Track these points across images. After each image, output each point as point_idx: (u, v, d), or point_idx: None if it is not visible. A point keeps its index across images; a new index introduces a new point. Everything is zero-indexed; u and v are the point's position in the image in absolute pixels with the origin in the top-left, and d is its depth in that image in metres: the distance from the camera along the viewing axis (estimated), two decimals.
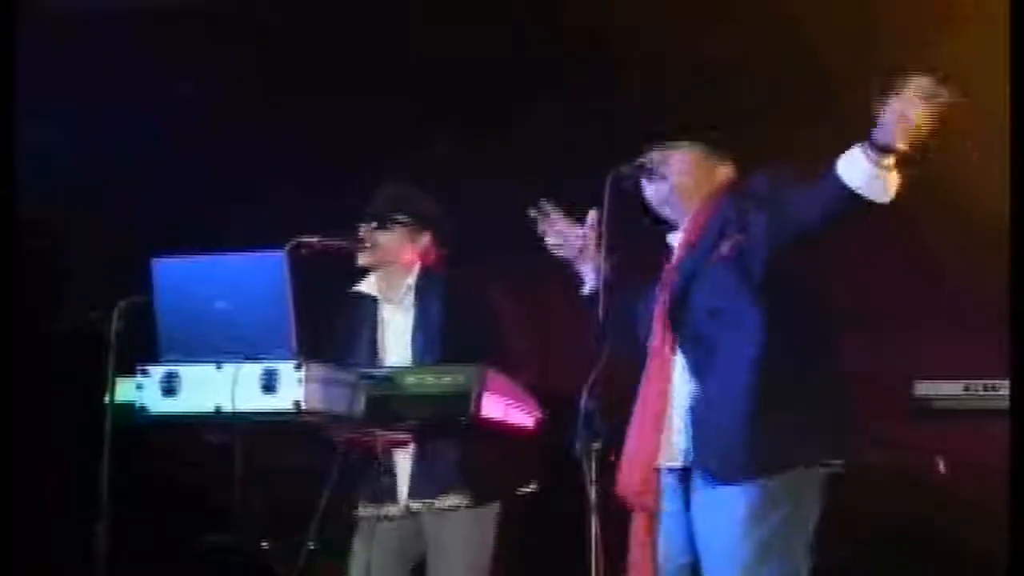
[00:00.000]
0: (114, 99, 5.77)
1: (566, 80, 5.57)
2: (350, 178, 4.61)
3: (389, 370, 3.99)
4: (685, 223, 3.76)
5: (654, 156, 3.76)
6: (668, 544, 3.67)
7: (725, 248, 3.58)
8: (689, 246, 3.69)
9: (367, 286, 4.49)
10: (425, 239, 4.49)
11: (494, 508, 4.33)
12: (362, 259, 4.43)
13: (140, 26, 5.76)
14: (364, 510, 4.29)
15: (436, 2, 5.63)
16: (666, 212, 3.79)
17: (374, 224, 4.43)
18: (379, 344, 4.42)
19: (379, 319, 4.47)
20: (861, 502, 4.53)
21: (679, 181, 3.75)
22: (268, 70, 5.69)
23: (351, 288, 4.51)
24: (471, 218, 5.50)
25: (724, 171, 3.80)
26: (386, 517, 4.26)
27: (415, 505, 4.23)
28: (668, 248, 3.83)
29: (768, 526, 3.50)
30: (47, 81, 5.66)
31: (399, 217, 4.44)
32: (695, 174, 3.76)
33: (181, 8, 5.70)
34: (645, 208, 3.80)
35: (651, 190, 3.77)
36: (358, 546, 4.28)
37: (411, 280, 4.45)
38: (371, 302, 4.48)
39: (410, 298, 4.43)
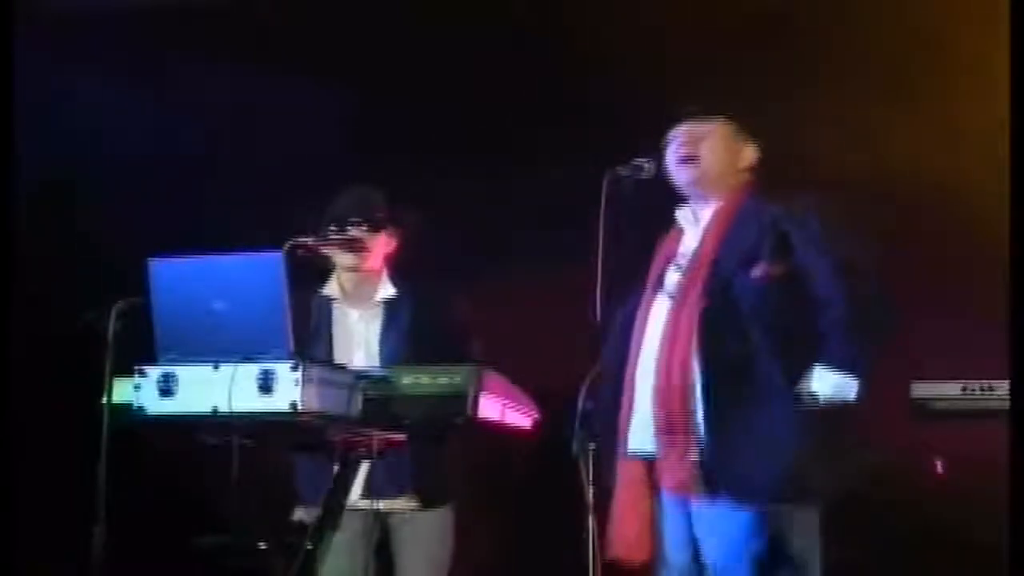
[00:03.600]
0: (113, 99, 5.77)
1: (566, 74, 5.57)
2: (348, 179, 4.60)
3: (386, 371, 3.99)
4: (708, 211, 3.75)
5: (686, 133, 3.77)
6: (670, 545, 3.68)
7: (761, 271, 3.58)
8: (717, 241, 3.67)
9: (332, 289, 4.52)
10: (393, 241, 4.52)
11: (449, 508, 4.44)
12: (348, 260, 4.44)
13: (140, 26, 5.76)
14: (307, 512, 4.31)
15: (436, 3, 5.63)
16: (691, 192, 3.79)
17: (365, 227, 4.44)
18: (335, 347, 4.45)
19: (339, 322, 4.49)
20: (860, 503, 4.52)
21: (710, 161, 3.76)
22: (267, 70, 5.68)
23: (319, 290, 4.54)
24: (471, 219, 5.53)
25: (750, 153, 3.82)
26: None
27: (362, 504, 4.27)
28: (673, 229, 3.82)
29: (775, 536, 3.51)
30: (47, 81, 5.67)
31: (379, 218, 4.46)
32: (725, 154, 3.78)
33: (181, 8, 5.70)
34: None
35: (680, 170, 3.77)
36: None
37: (382, 288, 4.49)
38: (329, 304, 4.50)
39: (379, 307, 4.47)
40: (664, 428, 3.59)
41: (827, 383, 3.49)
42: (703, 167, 3.77)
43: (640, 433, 3.67)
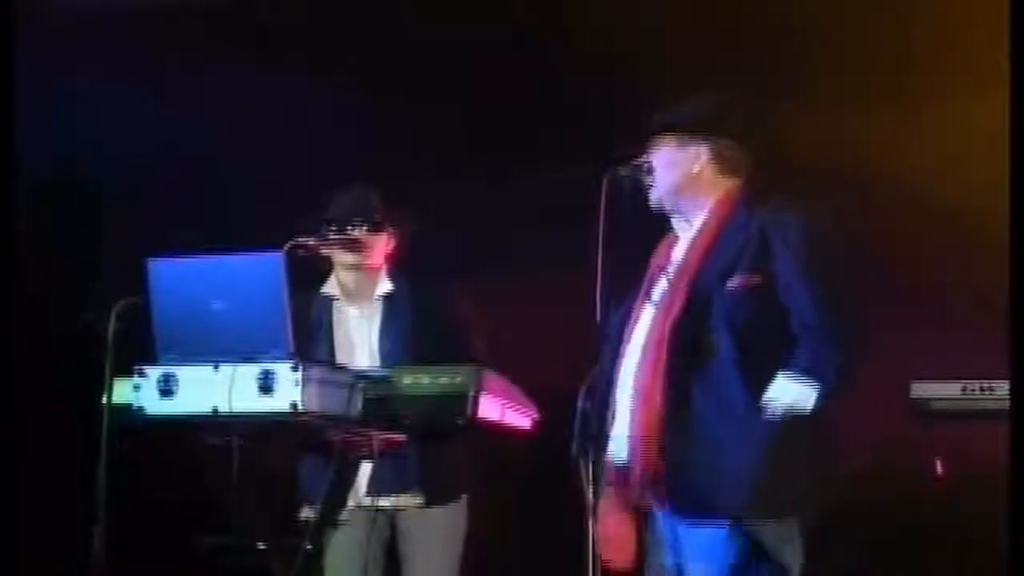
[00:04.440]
0: (113, 99, 5.77)
1: (566, 74, 5.56)
2: (348, 179, 4.61)
3: (386, 371, 3.99)
4: (699, 219, 3.72)
5: (668, 145, 3.74)
6: (656, 551, 3.67)
7: (737, 281, 3.56)
8: (703, 252, 3.64)
9: (332, 288, 4.52)
10: (393, 240, 4.52)
11: (460, 505, 4.43)
12: (349, 258, 4.44)
13: (140, 26, 5.76)
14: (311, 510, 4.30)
15: (436, 3, 5.63)
16: (678, 205, 3.76)
17: (366, 227, 4.44)
18: (336, 345, 4.44)
19: (340, 320, 4.49)
20: (860, 503, 4.53)
21: (659, 177, 3.73)
22: (267, 70, 5.69)
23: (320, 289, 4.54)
24: (471, 219, 5.54)
25: (702, 153, 3.77)
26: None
27: (367, 501, 4.29)
28: (670, 235, 3.79)
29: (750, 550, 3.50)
30: (47, 81, 5.66)
31: (380, 219, 4.46)
32: (671, 165, 3.73)
33: (181, 8, 5.70)
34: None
35: (664, 182, 3.74)
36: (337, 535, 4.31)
37: (381, 285, 4.48)
38: (330, 302, 4.50)
39: (378, 303, 4.47)
40: (636, 438, 3.57)
41: (785, 391, 3.46)
42: (659, 186, 3.74)
43: (618, 441, 3.65)
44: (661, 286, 3.69)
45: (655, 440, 3.51)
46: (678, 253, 3.73)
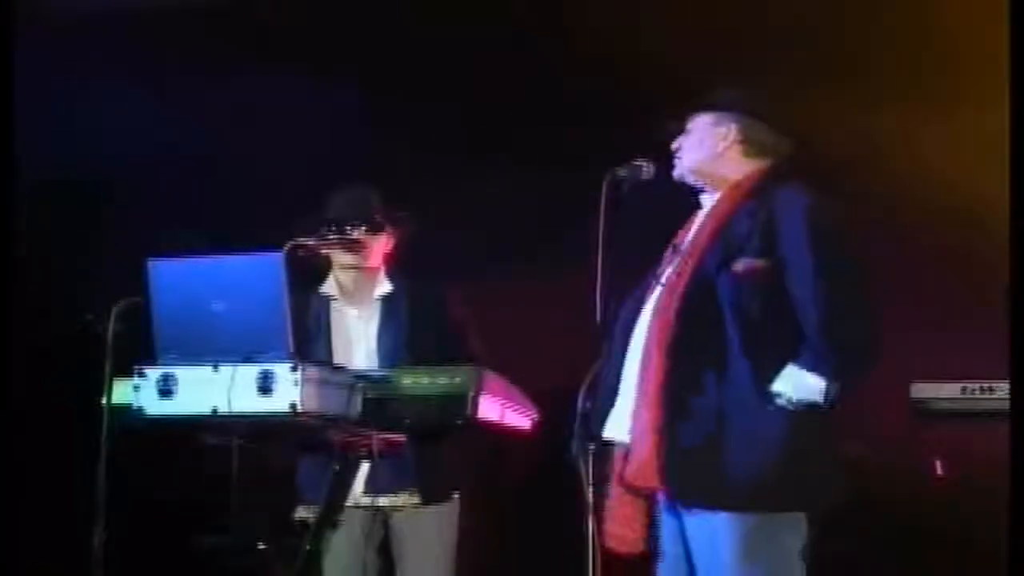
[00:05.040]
0: (113, 99, 5.78)
1: (566, 74, 5.57)
2: (348, 179, 4.61)
3: (385, 372, 3.99)
4: (715, 199, 3.72)
5: (702, 123, 3.74)
6: (664, 538, 3.66)
7: (743, 266, 3.54)
8: (711, 232, 3.64)
9: (330, 288, 4.52)
10: (392, 240, 4.53)
11: (453, 504, 4.44)
12: (348, 259, 4.44)
13: (140, 26, 5.76)
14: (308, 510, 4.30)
15: (436, 3, 5.64)
16: (700, 183, 3.76)
17: (364, 228, 4.44)
18: (335, 346, 4.45)
19: (338, 321, 4.50)
20: (860, 503, 4.52)
21: (687, 152, 3.74)
22: (267, 70, 5.69)
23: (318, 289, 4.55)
24: (471, 219, 5.54)
25: (732, 131, 3.76)
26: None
27: (364, 501, 4.29)
28: (696, 212, 3.79)
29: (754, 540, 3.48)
30: (47, 81, 5.67)
31: (378, 219, 4.47)
32: (702, 142, 3.74)
33: (181, 8, 5.70)
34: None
35: (689, 159, 3.74)
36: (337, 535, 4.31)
37: (380, 286, 4.49)
38: (328, 303, 4.51)
39: (376, 304, 4.49)
40: (635, 418, 3.56)
41: (793, 383, 3.45)
42: (684, 161, 3.76)
43: (619, 422, 3.64)
44: (672, 266, 3.68)
45: (657, 424, 3.49)
46: (691, 232, 3.73)
